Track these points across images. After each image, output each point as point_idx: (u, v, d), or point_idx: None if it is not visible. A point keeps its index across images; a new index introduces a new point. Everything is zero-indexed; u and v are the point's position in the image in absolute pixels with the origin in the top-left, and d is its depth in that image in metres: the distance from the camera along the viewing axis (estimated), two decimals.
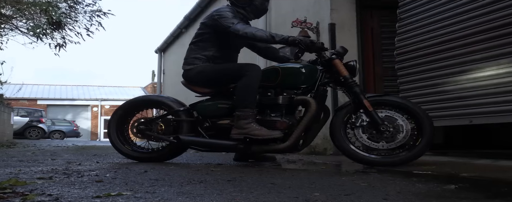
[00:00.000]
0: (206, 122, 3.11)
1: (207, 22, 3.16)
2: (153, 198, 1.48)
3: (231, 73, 3.05)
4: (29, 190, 1.60)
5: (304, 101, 2.89)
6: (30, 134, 17.11)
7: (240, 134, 2.89)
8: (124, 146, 3.30)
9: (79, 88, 30.30)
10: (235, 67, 3.11)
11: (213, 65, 3.14)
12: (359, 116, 2.87)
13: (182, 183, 1.91)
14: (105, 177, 2.11)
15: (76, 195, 1.52)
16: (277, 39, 2.93)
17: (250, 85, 2.91)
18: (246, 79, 2.92)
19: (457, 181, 2.09)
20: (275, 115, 2.94)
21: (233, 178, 2.12)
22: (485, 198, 1.54)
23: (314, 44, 2.91)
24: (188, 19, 10.12)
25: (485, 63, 3.26)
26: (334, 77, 2.97)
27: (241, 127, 2.88)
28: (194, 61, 3.18)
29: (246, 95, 2.91)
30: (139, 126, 3.26)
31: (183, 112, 3.20)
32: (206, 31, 3.18)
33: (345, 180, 2.12)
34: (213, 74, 3.11)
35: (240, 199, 1.49)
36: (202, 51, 3.17)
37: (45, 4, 8.23)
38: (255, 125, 2.87)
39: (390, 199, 1.53)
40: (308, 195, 1.58)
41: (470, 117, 3.35)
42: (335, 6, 4.54)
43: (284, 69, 3.01)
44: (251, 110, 2.90)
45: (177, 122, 3.19)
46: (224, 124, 3.04)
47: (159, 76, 13.57)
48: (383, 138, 2.79)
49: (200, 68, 3.14)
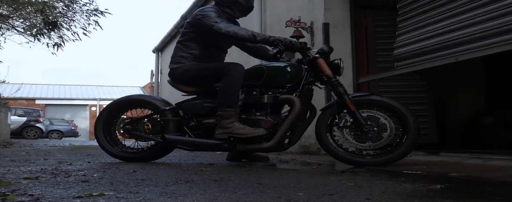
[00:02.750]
0: (192, 121, 3.11)
1: (191, 22, 3.17)
2: (134, 198, 1.48)
3: (214, 72, 3.05)
4: (11, 190, 1.60)
5: (289, 99, 2.89)
6: (27, 134, 17.09)
7: (223, 134, 2.90)
8: (112, 146, 3.30)
9: (77, 88, 30.28)
10: (218, 66, 3.10)
11: (199, 64, 3.14)
12: (342, 116, 2.86)
13: (168, 183, 1.91)
14: (92, 177, 2.11)
15: (57, 195, 1.52)
16: (259, 39, 2.93)
17: (232, 85, 2.91)
18: (228, 79, 2.92)
19: (444, 181, 2.09)
20: (260, 114, 2.95)
21: (220, 178, 2.12)
22: (468, 197, 1.54)
23: (293, 44, 2.89)
24: (185, 19, 10.09)
25: None
26: (319, 77, 2.97)
27: (224, 126, 2.88)
28: (180, 60, 3.18)
29: (228, 95, 2.91)
30: (125, 126, 3.26)
31: (169, 111, 3.20)
32: (191, 31, 3.19)
33: (333, 180, 2.11)
34: (198, 73, 3.11)
35: (222, 199, 1.48)
36: (188, 50, 3.17)
37: (41, 4, 8.23)
38: (238, 124, 2.87)
39: (373, 198, 1.53)
40: (291, 195, 1.58)
41: (456, 55, 3.36)
42: (329, 5, 4.53)
43: (269, 68, 3.00)
44: (234, 109, 2.90)
45: (164, 121, 3.19)
46: (209, 123, 3.04)
47: (156, 76, 13.56)
48: (369, 138, 2.79)
49: (185, 67, 3.14)
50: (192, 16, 3.19)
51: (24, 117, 17.43)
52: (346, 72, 4.38)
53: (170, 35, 11.65)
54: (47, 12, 8.33)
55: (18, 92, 16.72)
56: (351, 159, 2.85)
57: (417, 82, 4.66)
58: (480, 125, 5.18)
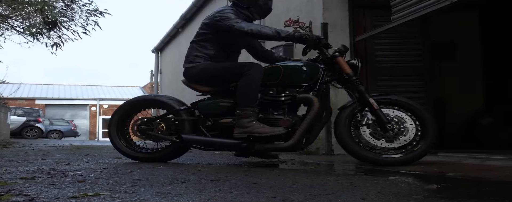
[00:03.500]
0: (208, 121, 3.08)
1: (209, 23, 3.13)
2: (130, 198, 1.47)
3: (232, 71, 3.03)
4: (6, 190, 1.60)
5: (307, 99, 2.88)
6: (27, 134, 17.09)
7: (243, 133, 2.86)
8: (126, 147, 3.27)
9: (77, 88, 30.29)
10: (236, 65, 3.09)
11: (214, 64, 3.12)
12: (364, 114, 2.86)
13: (165, 183, 1.91)
14: (89, 177, 2.11)
15: (52, 196, 1.52)
16: (283, 35, 2.90)
17: (251, 84, 2.89)
18: (247, 78, 2.90)
19: (441, 180, 2.09)
20: (277, 113, 2.93)
21: (217, 178, 2.12)
22: (464, 197, 1.54)
23: (320, 40, 2.89)
24: (184, 19, 10.12)
25: None
26: (338, 75, 2.95)
27: (243, 125, 2.86)
28: (195, 59, 3.15)
29: (247, 94, 2.89)
30: (140, 125, 3.23)
31: (184, 111, 3.17)
32: (208, 31, 3.15)
33: (330, 179, 2.11)
34: (214, 73, 3.09)
35: (217, 199, 1.48)
36: (203, 50, 3.14)
37: (40, 3, 8.22)
38: (257, 123, 2.85)
39: (368, 198, 1.53)
40: (287, 195, 1.58)
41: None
42: (328, 5, 4.53)
43: (286, 68, 2.99)
44: (253, 108, 2.88)
45: (179, 121, 3.17)
46: (227, 123, 3.01)
47: (156, 75, 13.57)
48: (385, 137, 2.79)
49: (201, 66, 3.11)
50: (209, 17, 3.15)
51: (23, 117, 17.43)
52: None
53: (170, 35, 11.66)
54: (47, 12, 8.33)
55: (17, 92, 16.70)
56: (369, 156, 2.83)
57: (415, 82, 4.67)
58: (479, 125, 5.18)
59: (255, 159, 3.56)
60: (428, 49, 4.79)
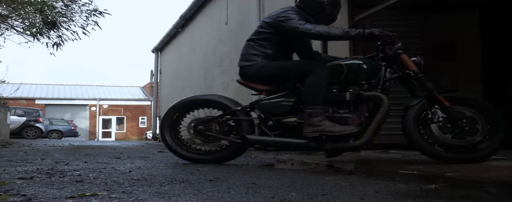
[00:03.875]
0: (269, 120, 3.02)
1: (271, 23, 3.07)
2: (127, 199, 1.47)
3: (296, 70, 2.98)
4: (4, 190, 1.60)
5: (376, 97, 2.83)
6: (27, 134, 17.08)
7: (314, 132, 2.80)
8: (179, 147, 3.20)
9: (77, 88, 30.31)
10: (299, 64, 3.04)
11: (274, 62, 3.06)
12: (434, 112, 2.83)
13: (163, 183, 1.91)
14: (87, 177, 2.11)
15: (50, 196, 1.52)
16: (353, 34, 2.85)
17: (320, 82, 2.85)
18: (315, 76, 2.85)
19: (439, 180, 2.09)
20: (343, 111, 2.89)
21: (216, 178, 2.12)
22: (461, 197, 1.54)
23: (391, 37, 2.84)
24: (184, 19, 10.12)
25: None
26: (402, 73, 2.90)
27: (314, 124, 2.81)
28: (252, 58, 3.09)
29: (317, 93, 2.85)
30: (197, 126, 3.15)
31: (241, 111, 3.11)
32: (268, 31, 3.09)
33: (328, 179, 2.11)
34: (275, 71, 3.03)
35: (215, 199, 1.48)
36: (261, 48, 3.09)
37: (40, 3, 8.22)
38: (328, 122, 2.81)
39: (366, 199, 1.53)
40: (285, 195, 1.58)
41: None
42: None
43: (349, 66, 2.94)
44: (322, 107, 2.84)
45: (236, 121, 3.12)
46: (291, 122, 2.96)
47: (156, 75, 13.57)
48: (453, 132, 2.78)
49: (260, 65, 3.05)
50: (272, 17, 3.09)
51: (23, 116, 17.41)
52: None
53: (169, 35, 11.66)
54: (46, 12, 8.33)
55: (17, 92, 16.70)
56: (439, 153, 2.81)
57: None
58: None
59: (255, 160, 3.56)
60: (428, 49, 4.79)
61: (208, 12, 8.83)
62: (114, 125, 29.53)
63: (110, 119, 29.32)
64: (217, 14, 8.16)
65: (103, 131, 28.94)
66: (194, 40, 9.88)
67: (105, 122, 29.31)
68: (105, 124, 29.29)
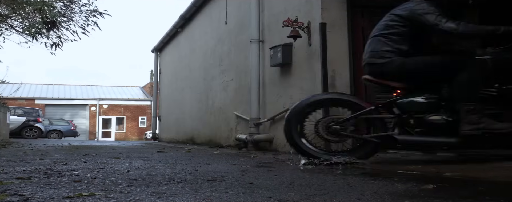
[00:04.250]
0: (410, 119, 2.91)
1: (406, 15, 2.92)
2: (125, 198, 1.47)
3: (445, 66, 2.86)
4: (1, 190, 1.60)
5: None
6: (26, 134, 17.08)
7: (475, 130, 2.70)
8: (308, 147, 3.08)
9: (77, 88, 30.31)
10: (447, 60, 2.89)
11: (416, 58, 2.91)
12: None
13: (161, 183, 1.90)
14: (85, 177, 2.11)
15: (47, 196, 1.52)
16: (498, 33, 2.73)
17: (476, 78, 2.78)
18: (471, 72, 2.77)
19: (437, 180, 2.08)
20: (494, 107, 2.82)
21: (214, 178, 2.12)
22: (459, 197, 1.54)
23: None
24: (184, 19, 10.11)
25: None
26: None
27: (474, 122, 2.70)
28: (385, 54, 2.94)
29: (473, 89, 2.77)
30: (331, 126, 3.04)
31: (375, 111, 3.03)
32: (401, 24, 2.94)
33: (327, 179, 2.11)
34: (419, 68, 2.90)
35: (212, 199, 1.48)
36: (394, 44, 2.94)
37: (39, 3, 8.23)
38: (489, 119, 2.72)
39: (364, 199, 1.53)
40: (283, 195, 1.58)
41: None
42: (326, 5, 4.52)
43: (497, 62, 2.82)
44: (478, 104, 2.76)
45: (368, 120, 3.04)
46: (436, 120, 2.84)
47: (155, 75, 13.57)
48: None
49: (400, 61, 2.90)
50: (406, 9, 2.94)
51: (23, 116, 17.41)
52: (344, 72, 4.39)
53: (169, 35, 11.65)
54: (46, 12, 8.33)
55: (17, 92, 16.71)
56: None
57: None
58: None
59: (254, 160, 3.56)
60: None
61: (208, 12, 8.83)
62: (114, 125, 29.54)
63: (110, 119, 29.33)
64: (216, 14, 8.16)
65: (103, 131, 28.94)
66: (194, 40, 9.87)
67: (105, 122, 29.31)
68: (105, 124, 29.29)
